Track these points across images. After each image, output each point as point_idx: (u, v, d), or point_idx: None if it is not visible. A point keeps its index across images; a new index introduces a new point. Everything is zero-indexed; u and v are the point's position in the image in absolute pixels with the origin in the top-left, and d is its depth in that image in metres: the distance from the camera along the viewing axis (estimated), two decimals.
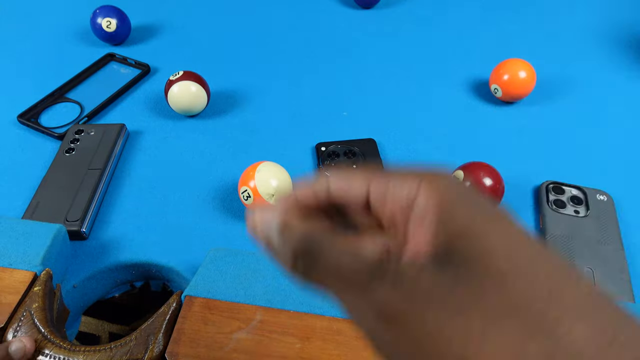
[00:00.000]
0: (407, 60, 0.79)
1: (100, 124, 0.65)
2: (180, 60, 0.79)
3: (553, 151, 0.63)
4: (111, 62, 0.78)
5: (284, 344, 0.38)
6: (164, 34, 0.84)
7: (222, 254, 0.45)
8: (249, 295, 0.41)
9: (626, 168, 0.61)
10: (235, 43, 0.83)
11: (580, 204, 0.55)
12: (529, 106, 0.70)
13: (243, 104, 0.71)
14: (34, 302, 0.40)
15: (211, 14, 0.90)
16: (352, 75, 0.76)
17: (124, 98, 0.72)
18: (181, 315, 0.40)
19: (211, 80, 0.70)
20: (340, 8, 0.91)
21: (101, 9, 0.78)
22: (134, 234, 0.53)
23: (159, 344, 0.38)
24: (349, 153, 0.61)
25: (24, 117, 0.66)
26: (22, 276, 0.42)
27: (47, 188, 0.56)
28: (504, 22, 0.88)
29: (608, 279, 0.48)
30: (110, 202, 0.57)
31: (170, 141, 0.65)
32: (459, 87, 0.74)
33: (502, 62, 0.68)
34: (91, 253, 0.51)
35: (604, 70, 0.77)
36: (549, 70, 0.76)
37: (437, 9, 0.91)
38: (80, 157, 0.59)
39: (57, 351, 0.38)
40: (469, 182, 0.52)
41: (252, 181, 0.51)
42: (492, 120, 0.68)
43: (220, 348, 0.37)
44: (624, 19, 0.88)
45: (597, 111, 0.70)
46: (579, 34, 0.84)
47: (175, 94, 0.64)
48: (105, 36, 0.79)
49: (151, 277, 0.53)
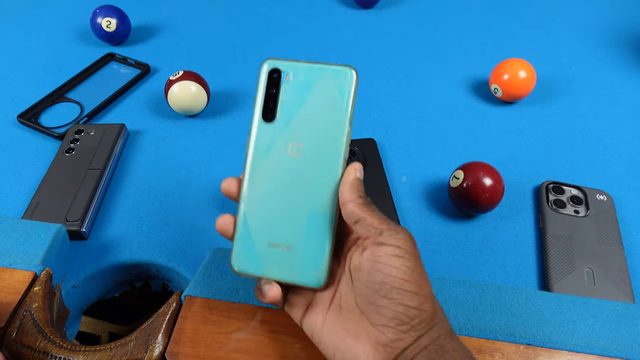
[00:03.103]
0: (407, 60, 0.79)
1: (100, 124, 0.65)
2: (180, 60, 0.79)
3: (553, 151, 0.64)
4: (111, 62, 0.78)
5: (284, 344, 0.38)
6: (164, 34, 0.84)
7: (222, 254, 0.45)
8: (249, 295, 0.41)
9: (626, 168, 0.61)
10: (235, 43, 0.83)
11: (580, 204, 0.55)
12: (529, 106, 0.70)
13: (243, 104, 0.71)
14: (34, 302, 0.40)
15: (211, 14, 0.90)
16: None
17: (124, 98, 0.72)
18: (181, 315, 0.40)
19: (211, 80, 0.70)
20: (340, 8, 0.91)
21: (101, 9, 0.78)
22: (134, 234, 0.53)
23: (159, 344, 0.38)
24: (349, 153, 0.61)
25: (24, 117, 0.66)
26: (22, 276, 0.42)
27: (47, 188, 0.56)
28: (504, 22, 0.88)
29: (608, 279, 0.48)
30: (110, 202, 0.57)
31: (170, 141, 0.65)
32: (459, 87, 0.74)
33: (502, 62, 0.68)
34: (91, 253, 0.51)
35: (604, 70, 0.77)
36: (549, 70, 0.76)
37: (437, 9, 0.91)
38: (80, 157, 0.59)
39: (57, 351, 0.38)
40: (469, 181, 0.52)
41: None
42: (492, 120, 0.68)
43: (220, 348, 0.37)
44: (624, 19, 0.88)
45: (597, 111, 0.70)
46: (579, 34, 0.84)
47: (175, 94, 0.64)
48: (105, 36, 0.79)
49: (151, 277, 0.53)
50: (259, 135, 0.33)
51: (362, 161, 0.60)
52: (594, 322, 0.39)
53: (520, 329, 0.38)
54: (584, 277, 0.48)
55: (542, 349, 0.37)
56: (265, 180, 0.33)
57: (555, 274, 0.48)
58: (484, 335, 0.38)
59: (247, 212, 0.33)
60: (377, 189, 0.57)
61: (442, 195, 0.58)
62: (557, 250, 0.50)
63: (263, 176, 0.33)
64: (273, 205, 0.33)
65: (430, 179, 0.60)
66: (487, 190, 0.51)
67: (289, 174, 0.33)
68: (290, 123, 0.33)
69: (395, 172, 0.60)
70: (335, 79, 0.32)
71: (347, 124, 0.32)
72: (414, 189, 0.59)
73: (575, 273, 0.48)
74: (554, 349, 0.37)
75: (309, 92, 0.32)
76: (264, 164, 0.33)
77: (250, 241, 0.33)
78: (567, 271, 0.49)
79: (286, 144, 0.33)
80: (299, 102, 0.32)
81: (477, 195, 0.51)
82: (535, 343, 0.38)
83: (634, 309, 0.40)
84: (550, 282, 0.48)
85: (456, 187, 0.53)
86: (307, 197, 0.32)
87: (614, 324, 0.39)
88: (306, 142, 0.32)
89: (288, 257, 0.33)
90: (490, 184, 0.51)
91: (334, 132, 0.32)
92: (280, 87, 0.33)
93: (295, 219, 0.33)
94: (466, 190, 0.52)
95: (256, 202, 0.33)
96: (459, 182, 0.52)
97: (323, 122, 0.32)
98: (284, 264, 0.33)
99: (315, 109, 0.32)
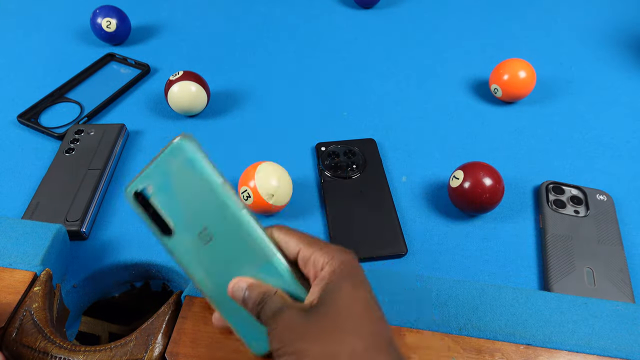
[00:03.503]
0: (407, 60, 0.79)
1: (100, 124, 0.65)
2: (180, 60, 0.79)
3: (553, 151, 0.63)
4: (111, 62, 0.78)
5: None
6: (164, 34, 0.84)
7: None
8: None
9: (626, 168, 0.61)
10: (235, 43, 0.83)
11: (580, 204, 0.55)
12: (529, 106, 0.70)
13: (243, 104, 0.71)
14: (34, 302, 0.40)
15: (211, 14, 0.90)
16: (352, 75, 0.76)
17: (124, 98, 0.72)
18: (181, 315, 0.40)
19: (211, 80, 0.70)
20: (340, 8, 0.91)
21: (101, 9, 0.78)
22: (134, 234, 0.53)
23: (159, 344, 0.38)
24: (349, 153, 0.61)
25: (24, 117, 0.66)
26: (22, 276, 0.42)
27: (47, 188, 0.56)
28: (504, 22, 0.88)
29: (608, 279, 0.48)
30: (110, 202, 0.57)
31: None
32: (459, 87, 0.74)
33: (502, 62, 0.68)
34: (91, 253, 0.51)
35: (604, 70, 0.77)
36: (549, 70, 0.76)
37: (437, 9, 0.91)
38: (80, 157, 0.59)
39: (57, 351, 0.38)
40: (469, 182, 0.52)
41: (252, 181, 0.51)
42: (492, 120, 0.68)
43: (220, 348, 0.37)
44: (624, 19, 0.88)
45: (597, 111, 0.70)
46: (579, 34, 0.84)
47: (175, 94, 0.64)
48: (105, 36, 0.79)
49: (151, 277, 0.53)
50: (172, 248, 0.33)
51: (362, 161, 0.60)
52: (594, 322, 0.39)
53: (520, 329, 0.38)
54: (584, 277, 0.48)
55: (542, 349, 0.37)
56: (210, 274, 0.33)
57: (555, 274, 0.48)
58: (484, 335, 0.38)
59: (224, 307, 0.34)
60: (377, 189, 0.57)
61: (442, 195, 0.58)
62: (557, 250, 0.50)
63: (205, 272, 0.33)
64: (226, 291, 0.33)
65: (430, 179, 0.60)
66: (487, 190, 0.51)
67: (217, 258, 0.33)
68: (184, 221, 0.32)
69: (395, 172, 0.60)
70: (177, 157, 0.31)
71: (220, 182, 0.31)
72: (414, 189, 0.59)
73: (575, 273, 0.48)
74: (554, 349, 0.37)
75: (172, 184, 0.32)
76: (197, 263, 0.33)
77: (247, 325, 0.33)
78: (567, 271, 0.49)
79: (196, 239, 0.32)
80: (173, 199, 0.32)
81: (477, 195, 0.51)
82: (535, 343, 0.38)
83: (634, 309, 0.40)
84: (550, 282, 0.48)
85: (456, 187, 0.53)
86: (242, 267, 0.33)
87: (614, 324, 0.39)
88: (206, 226, 0.32)
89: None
90: (490, 184, 0.51)
91: (216, 197, 0.31)
92: (152, 201, 0.32)
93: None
94: (466, 190, 0.52)
95: (221, 296, 0.34)
96: (459, 182, 0.52)
97: (202, 196, 0.32)
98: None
99: (189, 191, 0.32)
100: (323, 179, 0.58)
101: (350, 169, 0.59)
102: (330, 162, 0.60)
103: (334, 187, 0.57)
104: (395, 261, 0.51)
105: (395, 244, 0.51)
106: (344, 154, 0.61)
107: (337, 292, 0.29)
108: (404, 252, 0.51)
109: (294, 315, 0.29)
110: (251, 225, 0.32)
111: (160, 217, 0.32)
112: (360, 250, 0.51)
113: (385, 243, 0.51)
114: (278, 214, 0.55)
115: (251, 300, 0.31)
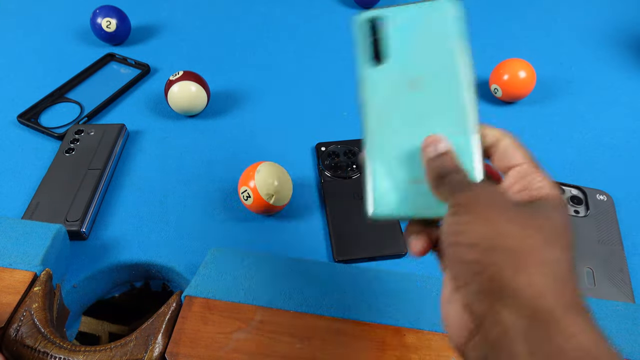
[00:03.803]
0: None
1: (100, 124, 0.65)
2: (180, 60, 0.79)
3: (553, 151, 0.63)
4: (111, 62, 0.78)
5: (284, 344, 0.38)
6: (163, 34, 0.84)
7: (222, 254, 0.45)
8: (249, 296, 0.41)
9: (626, 168, 0.61)
10: (235, 43, 0.83)
11: (580, 204, 0.55)
12: (529, 106, 0.70)
13: (243, 104, 0.71)
14: (34, 302, 0.40)
15: (211, 14, 0.90)
16: (352, 75, 0.76)
17: (124, 98, 0.72)
18: (181, 315, 0.40)
19: (211, 80, 0.70)
20: (340, 8, 0.91)
21: (101, 9, 0.78)
22: (134, 234, 0.53)
23: (158, 344, 0.38)
24: (349, 153, 0.61)
25: (24, 117, 0.66)
26: (22, 276, 0.42)
27: (47, 188, 0.56)
28: (504, 22, 0.88)
29: (608, 279, 0.48)
30: (110, 202, 0.57)
31: (170, 141, 0.65)
32: None
33: (502, 62, 0.68)
34: (91, 253, 0.51)
35: (603, 70, 0.77)
36: (549, 70, 0.76)
37: None
38: (80, 157, 0.59)
39: (57, 351, 0.38)
40: None
41: (252, 181, 0.51)
42: (492, 120, 0.68)
43: (220, 348, 0.37)
44: (624, 19, 0.88)
45: (597, 111, 0.70)
46: (579, 34, 0.84)
47: (175, 94, 0.64)
48: (105, 36, 0.79)
49: (151, 277, 0.53)
50: (371, 79, 0.34)
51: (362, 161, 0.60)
52: None
53: None
54: (584, 277, 0.48)
55: None
56: (391, 120, 0.33)
57: None
58: None
59: (381, 156, 0.33)
60: None
61: None
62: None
63: (388, 116, 0.33)
64: (406, 142, 0.32)
65: None
66: None
67: (413, 108, 0.32)
68: (404, 61, 0.33)
69: None
70: (437, 10, 0.32)
71: (462, 50, 0.32)
72: None
73: None
74: None
75: (413, 29, 0.33)
76: (385, 105, 0.33)
77: (389, 182, 0.32)
78: None
79: (403, 81, 0.33)
80: (406, 41, 0.33)
81: None
82: None
83: (634, 309, 0.40)
84: None
85: None
86: (436, 127, 0.32)
87: (614, 324, 0.39)
88: (424, 75, 0.32)
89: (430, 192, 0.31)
90: None
91: (449, 60, 0.32)
92: (384, 29, 0.33)
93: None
94: None
95: (388, 144, 0.33)
96: None
97: (436, 53, 0.32)
98: (428, 199, 0.31)
99: (423, 43, 0.32)
100: (323, 179, 0.58)
101: (350, 169, 0.59)
102: (330, 162, 0.60)
103: (334, 187, 0.57)
104: (395, 261, 0.51)
105: (395, 244, 0.51)
106: (344, 154, 0.61)
107: (552, 211, 0.26)
108: (404, 252, 0.51)
109: (500, 197, 0.27)
110: (467, 101, 0.31)
111: (380, 47, 0.34)
112: (360, 250, 0.51)
113: (385, 243, 0.51)
114: (278, 214, 0.55)
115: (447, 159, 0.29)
